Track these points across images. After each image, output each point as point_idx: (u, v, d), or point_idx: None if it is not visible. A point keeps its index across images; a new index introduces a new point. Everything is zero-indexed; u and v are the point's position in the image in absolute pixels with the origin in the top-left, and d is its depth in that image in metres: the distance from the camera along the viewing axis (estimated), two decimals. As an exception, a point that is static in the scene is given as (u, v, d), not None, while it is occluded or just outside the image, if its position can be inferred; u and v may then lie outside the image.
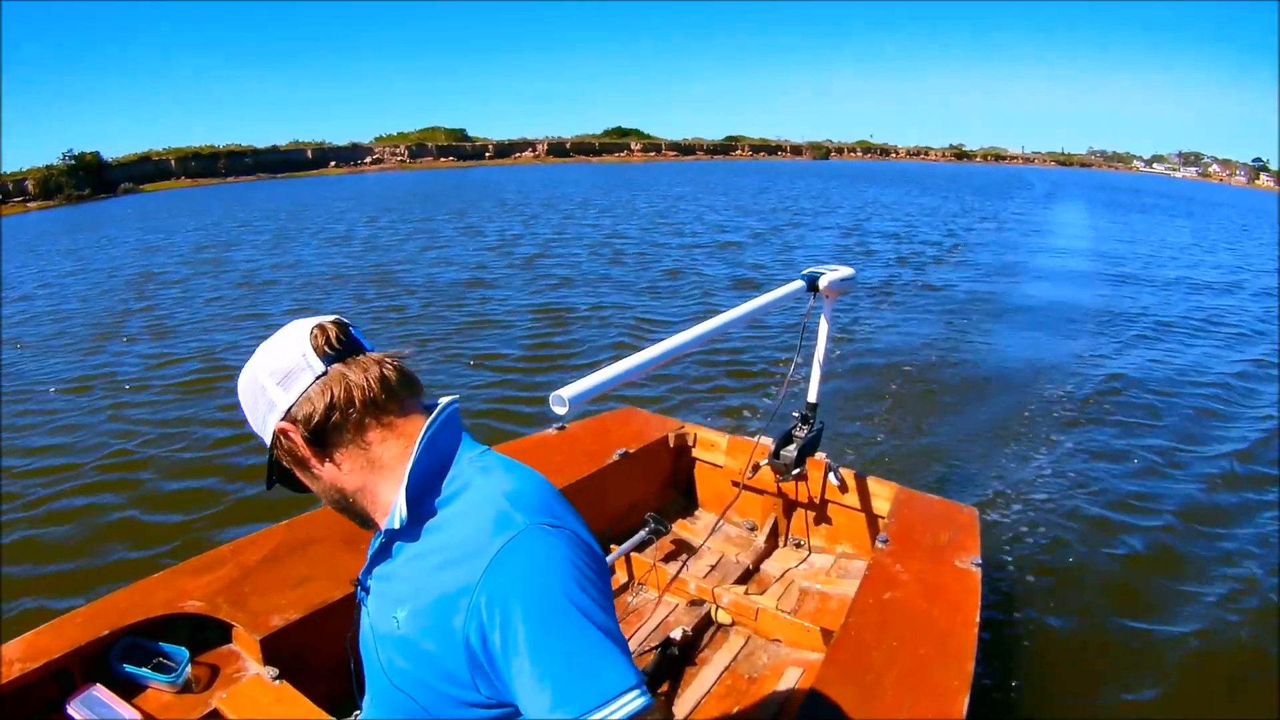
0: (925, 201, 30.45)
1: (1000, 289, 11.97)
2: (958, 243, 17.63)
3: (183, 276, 13.62)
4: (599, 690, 0.84)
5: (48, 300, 12.08)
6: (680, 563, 2.96)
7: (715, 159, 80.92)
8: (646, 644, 2.66)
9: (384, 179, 49.95)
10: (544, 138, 74.85)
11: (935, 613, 2.18)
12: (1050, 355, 8.25)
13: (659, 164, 68.70)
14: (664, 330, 8.43)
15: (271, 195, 35.59)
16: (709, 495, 3.59)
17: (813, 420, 2.98)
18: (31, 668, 1.85)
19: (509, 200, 29.01)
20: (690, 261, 14.00)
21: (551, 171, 52.73)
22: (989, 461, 5.44)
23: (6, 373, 7.95)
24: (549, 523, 0.95)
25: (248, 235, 19.90)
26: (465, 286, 11.74)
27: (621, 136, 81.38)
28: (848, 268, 2.80)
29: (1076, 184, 53.50)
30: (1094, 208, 32.04)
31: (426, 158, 66.15)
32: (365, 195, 33.98)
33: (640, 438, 3.40)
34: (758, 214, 23.59)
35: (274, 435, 1.04)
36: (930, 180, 48.55)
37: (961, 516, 2.79)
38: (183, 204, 33.20)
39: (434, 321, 9.58)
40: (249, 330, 9.30)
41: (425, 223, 21.53)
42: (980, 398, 6.82)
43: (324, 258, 15.34)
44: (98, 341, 9.14)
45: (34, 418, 6.51)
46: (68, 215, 32.73)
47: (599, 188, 35.46)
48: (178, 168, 50.70)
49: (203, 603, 2.12)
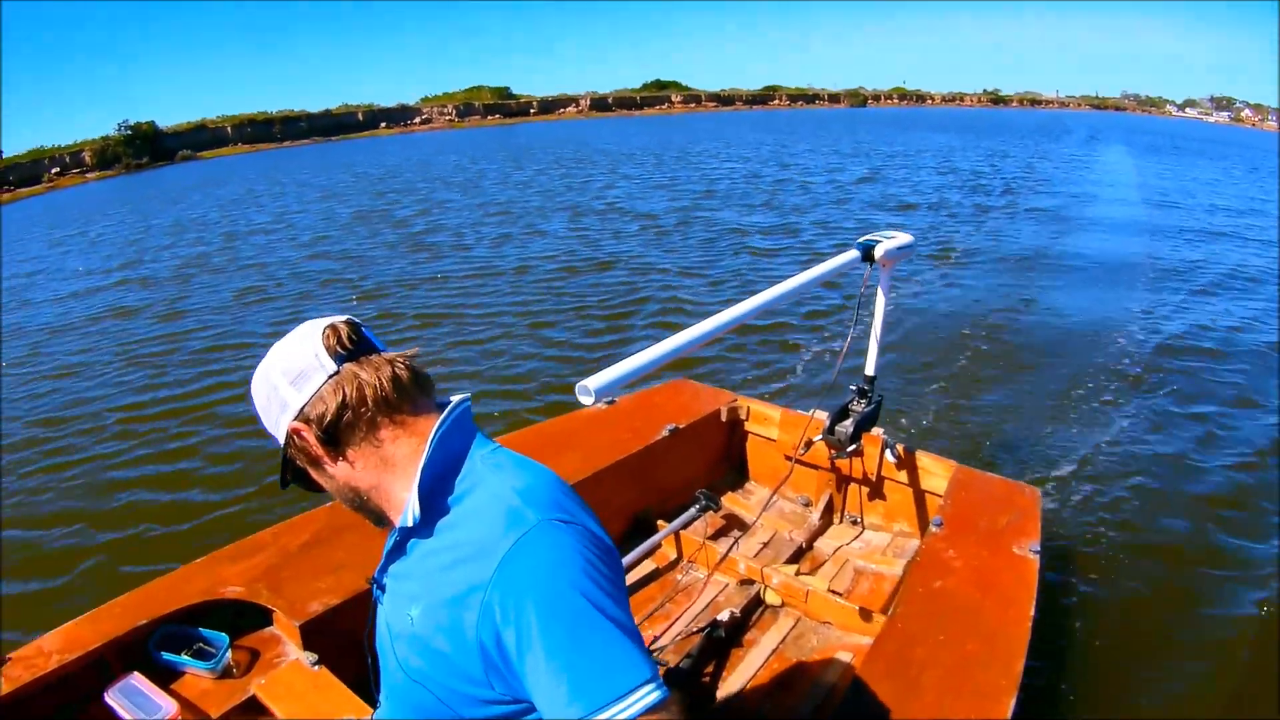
0: (988, 145, 30.14)
1: (1059, 242, 11.21)
2: (1011, 188, 16.98)
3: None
4: (614, 685, 0.82)
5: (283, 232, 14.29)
6: (731, 540, 2.80)
7: (754, 109, 79.36)
8: (695, 624, 2.51)
9: (437, 137, 49.92)
10: (586, 93, 73.98)
11: (987, 605, 2.00)
12: (1114, 313, 7.63)
13: (702, 115, 67.67)
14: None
15: (353, 155, 35.56)
16: (762, 470, 3.39)
17: (870, 394, 2.77)
18: (69, 658, 1.80)
19: (610, 149, 29.86)
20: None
21: (606, 126, 51.96)
22: (1048, 431, 5.00)
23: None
24: (561, 518, 0.93)
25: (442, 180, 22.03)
26: (684, 215, 13.68)
27: (661, 89, 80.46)
28: (906, 234, 2.56)
29: (1115, 128, 50.85)
30: (1139, 153, 30.39)
31: (474, 116, 65.96)
32: (453, 150, 33.76)
33: (691, 412, 3.20)
34: (857, 159, 24.27)
35: (287, 435, 1.01)
36: (979, 126, 47.01)
37: (1022, 498, 2.56)
38: (270, 166, 33.20)
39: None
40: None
41: (579, 167, 22.97)
42: (1043, 361, 6.30)
43: (556, 197, 17.02)
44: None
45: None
46: (134, 183, 33.21)
47: (680, 140, 34.92)
48: (234, 134, 51.08)
49: (243, 588, 2.05)
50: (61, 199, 30.22)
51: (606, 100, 74.06)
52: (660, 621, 2.55)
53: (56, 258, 14.50)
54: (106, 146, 41.94)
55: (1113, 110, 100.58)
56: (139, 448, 5.24)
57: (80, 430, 5.63)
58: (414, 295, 8.89)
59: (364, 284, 9.59)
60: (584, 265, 9.98)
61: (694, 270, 9.45)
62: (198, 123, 50.55)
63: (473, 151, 32.24)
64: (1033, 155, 25.86)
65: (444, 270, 10.02)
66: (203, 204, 21.00)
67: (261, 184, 24.79)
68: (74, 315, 9.35)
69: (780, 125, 45.51)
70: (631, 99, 76.35)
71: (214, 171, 32.55)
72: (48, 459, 5.16)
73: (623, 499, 2.91)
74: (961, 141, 32.02)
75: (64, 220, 21.39)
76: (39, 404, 6.33)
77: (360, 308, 8.44)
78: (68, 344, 8.11)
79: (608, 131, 42.34)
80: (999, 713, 1.63)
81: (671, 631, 2.49)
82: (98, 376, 6.86)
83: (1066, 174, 19.62)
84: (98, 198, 27.80)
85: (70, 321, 9.06)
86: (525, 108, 70.13)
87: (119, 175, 39.45)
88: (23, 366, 7.41)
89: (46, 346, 8.11)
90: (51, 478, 4.87)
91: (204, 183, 27.87)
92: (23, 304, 10.31)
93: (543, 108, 71.00)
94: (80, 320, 9.07)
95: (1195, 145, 37.96)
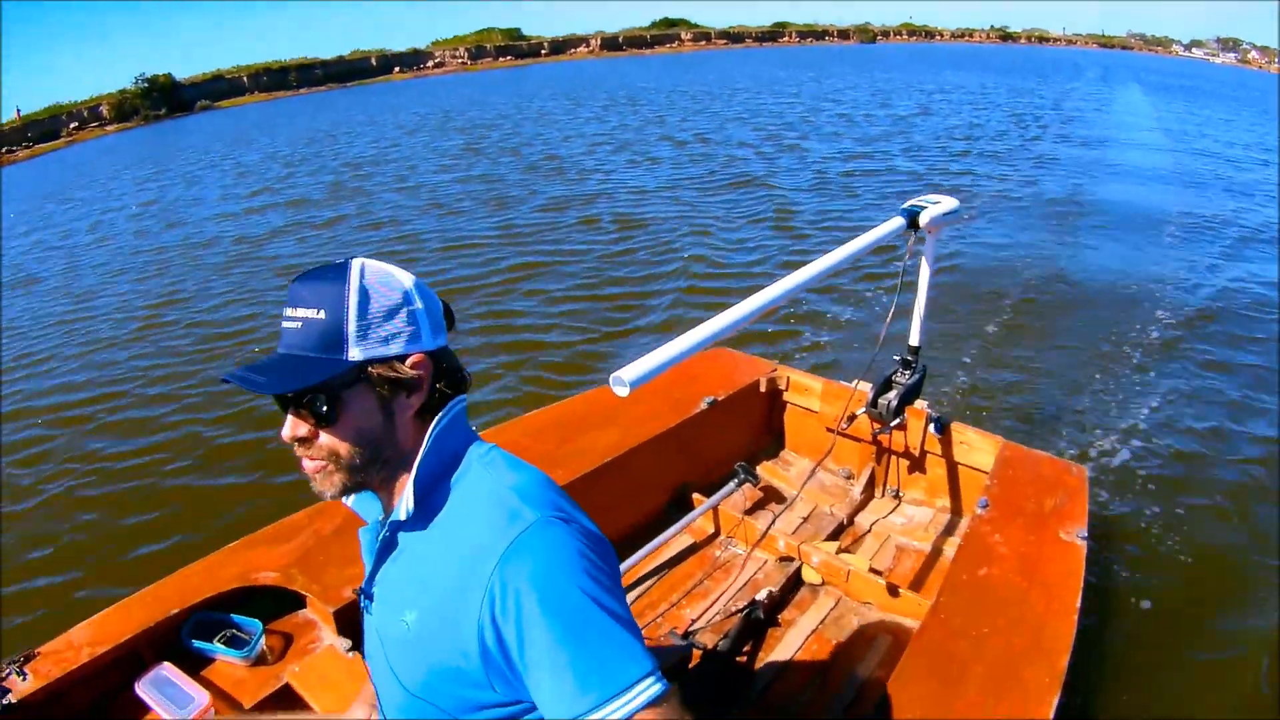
0: (1017, 84, 29.16)
1: (1094, 193, 10.54)
2: (1038, 135, 16.20)
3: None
4: (616, 679, 0.81)
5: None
6: (770, 515, 2.71)
7: (764, 45, 77.22)
8: (733, 604, 2.43)
9: (451, 80, 48.56)
10: (595, 33, 72.22)
11: (1033, 595, 1.90)
12: (1160, 269, 7.18)
13: (714, 52, 65.67)
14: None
15: (382, 99, 34.29)
16: (801, 442, 3.26)
17: (914, 365, 2.63)
18: (100, 651, 1.75)
19: (656, 88, 29.30)
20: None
21: (626, 65, 50.27)
22: (1095, 401, 4.71)
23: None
24: (558, 516, 0.90)
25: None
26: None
27: (670, 27, 78.28)
28: (952, 199, 2.41)
29: (1126, 68, 47.65)
30: (1154, 94, 28.94)
31: (486, 59, 64.47)
32: (494, 92, 32.44)
33: (730, 382, 3.06)
34: (902, 94, 24.13)
35: (395, 360, 0.92)
36: (995, 62, 45.14)
37: (1070, 478, 2.42)
38: (293, 113, 32.14)
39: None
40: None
41: (642, 104, 23.07)
42: (1091, 322, 5.91)
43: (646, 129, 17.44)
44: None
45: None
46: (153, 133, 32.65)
47: (713, 78, 33.73)
48: (250, 84, 50.22)
49: (277, 573, 1.99)
50: (108, 145, 29.53)
51: (617, 40, 72.20)
52: (698, 600, 2.47)
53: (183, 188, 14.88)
54: (124, 99, 41.30)
55: (1119, 49, 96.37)
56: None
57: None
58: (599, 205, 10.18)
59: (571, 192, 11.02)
60: (733, 180, 11.44)
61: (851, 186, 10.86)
62: (214, 73, 49.70)
63: (513, 92, 31.09)
64: (1059, 95, 25.08)
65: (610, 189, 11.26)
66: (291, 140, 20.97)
67: (323, 126, 24.26)
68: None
69: (802, 62, 43.70)
70: (642, 37, 74.41)
71: (247, 119, 31.47)
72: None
73: (662, 473, 2.82)
74: (992, 81, 30.70)
75: (138, 162, 21.16)
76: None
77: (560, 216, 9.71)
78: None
79: (634, 70, 40.50)
80: (1041, 712, 1.56)
81: (710, 611, 2.41)
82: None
83: (1101, 116, 18.86)
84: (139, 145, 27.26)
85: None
86: (536, 49, 68.46)
87: (137, 127, 38.97)
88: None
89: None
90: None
91: (250, 129, 26.68)
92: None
93: (553, 48, 69.28)
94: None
95: (1208, 86, 35.92)
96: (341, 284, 0.89)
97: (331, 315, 0.88)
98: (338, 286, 0.89)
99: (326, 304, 0.89)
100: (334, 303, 0.89)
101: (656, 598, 2.48)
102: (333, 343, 0.89)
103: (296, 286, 0.91)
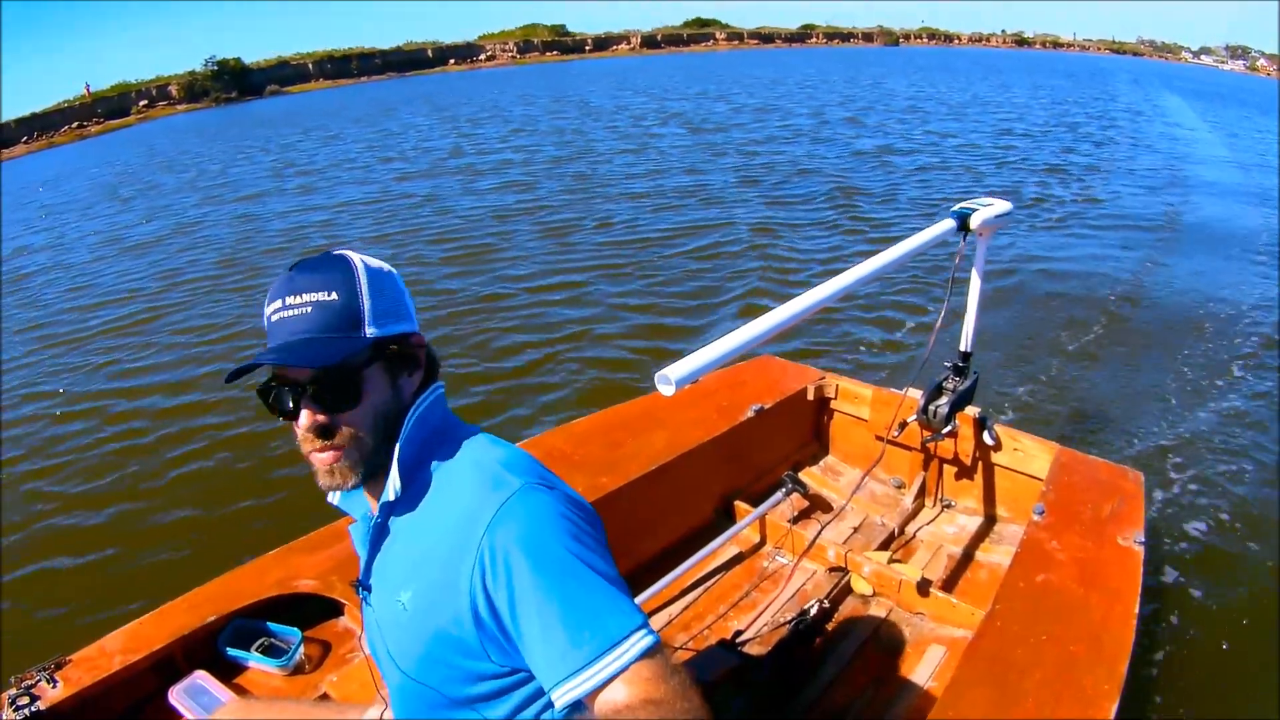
0: (1053, 88, 27.78)
1: (1158, 200, 9.55)
2: (1100, 141, 14.78)
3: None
4: (607, 634, 0.77)
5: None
6: (819, 525, 2.47)
7: (793, 46, 76.01)
8: (781, 614, 2.19)
9: (502, 73, 48.13)
10: (634, 30, 71.39)
11: (1092, 600, 1.74)
12: (1226, 282, 6.42)
13: (748, 51, 64.64)
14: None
15: (466, 88, 33.68)
16: (849, 450, 2.99)
17: (966, 371, 2.40)
18: (133, 659, 1.61)
19: (731, 77, 30.06)
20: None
21: (671, 63, 49.27)
22: (1152, 408, 4.31)
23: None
24: (541, 483, 0.87)
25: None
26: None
27: (703, 27, 77.46)
28: (1004, 202, 2.18)
29: (1152, 75, 44.11)
30: (1194, 100, 26.92)
31: (533, 53, 64.04)
32: (570, 86, 31.81)
33: (777, 390, 2.81)
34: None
35: (403, 337, 0.91)
36: (1032, 68, 42.83)
37: (1126, 484, 2.20)
38: (375, 99, 31.59)
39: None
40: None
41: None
42: (1162, 336, 5.33)
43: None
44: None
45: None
46: (231, 115, 32.36)
47: (770, 74, 33.27)
48: (314, 70, 50.17)
49: (316, 580, 1.82)
50: (187, 122, 29.21)
51: (655, 38, 71.46)
52: (746, 611, 2.24)
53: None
54: (194, 81, 41.42)
55: (1130, 55, 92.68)
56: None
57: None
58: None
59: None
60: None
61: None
62: (279, 59, 49.66)
63: (592, 87, 30.47)
64: (1099, 98, 23.92)
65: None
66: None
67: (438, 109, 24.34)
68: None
69: (844, 63, 42.49)
70: (678, 36, 73.70)
71: (333, 103, 30.91)
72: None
73: (708, 481, 2.59)
74: (1033, 84, 29.19)
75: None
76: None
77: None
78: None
79: (687, 67, 39.61)
80: (1102, 717, 1.43)
81: (758, 622, 2.18)
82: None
83: (1154, 125, 17.60)
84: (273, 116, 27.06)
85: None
86: (580, 45, 67.88)
87: (208, 108, 39.01)
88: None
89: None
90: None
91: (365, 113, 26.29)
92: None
93: (596, 45, 68.67)
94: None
95: (1230, 93, 33.43)
96: (347, 267, 0.87)
97: (345, 296, 0.86)
98: (344, 270, 0.87)
99: (337, 286, 0.86)
100: (345, 285, 0.86)
101: (704, 609, 2.26)
102: (351, 321, 0.86)
103: (295, 276, 0.86)
